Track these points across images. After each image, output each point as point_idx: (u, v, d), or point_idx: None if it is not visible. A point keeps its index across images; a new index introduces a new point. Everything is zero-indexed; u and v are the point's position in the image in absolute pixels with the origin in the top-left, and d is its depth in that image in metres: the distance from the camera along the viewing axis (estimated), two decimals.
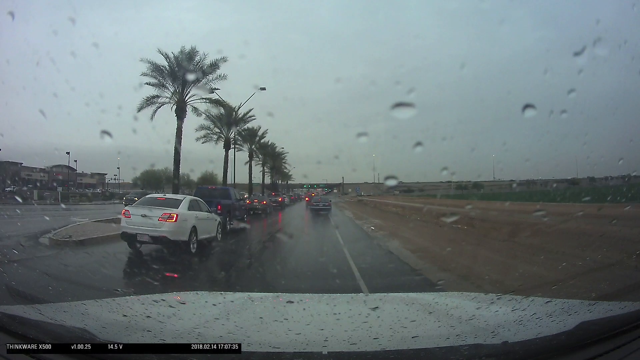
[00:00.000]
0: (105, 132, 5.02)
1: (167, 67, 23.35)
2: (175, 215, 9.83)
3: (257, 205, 28.16)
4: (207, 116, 30.07)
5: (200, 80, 24.27)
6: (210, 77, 24.20)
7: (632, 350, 1.56)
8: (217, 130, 32.87)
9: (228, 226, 15.30)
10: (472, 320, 2.10)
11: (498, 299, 2.59)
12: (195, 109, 24.99)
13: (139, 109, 22.80)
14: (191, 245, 10.08)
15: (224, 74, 24.18)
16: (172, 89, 23.57)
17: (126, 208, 10.52)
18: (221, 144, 32.85)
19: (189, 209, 10.67)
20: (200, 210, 11.39)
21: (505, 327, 1.87)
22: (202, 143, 31.82)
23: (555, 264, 7.10)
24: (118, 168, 67.69)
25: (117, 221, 11.59)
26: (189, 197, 11.63)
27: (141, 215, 9.79)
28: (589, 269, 6.53)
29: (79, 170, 66.41)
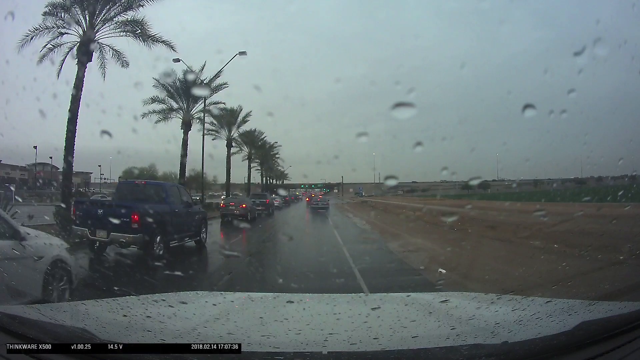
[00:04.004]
0: (105, 132, 5.01)
1: None
2: None
3: (233, 210, 21.76)
4: (159, 82, 23.68)
5: None
6: None
7: (632, 350, 1.56)
8: (175, 104, 24.84)
9: (158, 251, 9.33)
10: (472, 320, 2.10)
11: (498, 299, 2.59)
12: (117, 55, 17.03)
13: (40, 59, 15.57)
14: None
15: None
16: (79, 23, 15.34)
17: None
18: (178, 124, 24.84)
19: None
20: None
21: (505, 327, 1.87)
22: (156, 122, 24.28)
23: (555, 264, 7.11)
24: (99, 166, 63.05)
25: None
26: None
27: None
28: (589, 269, 6.53)
29: (62, 169, 64.01)
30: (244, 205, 22.40)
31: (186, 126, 24.84)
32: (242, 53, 22.26)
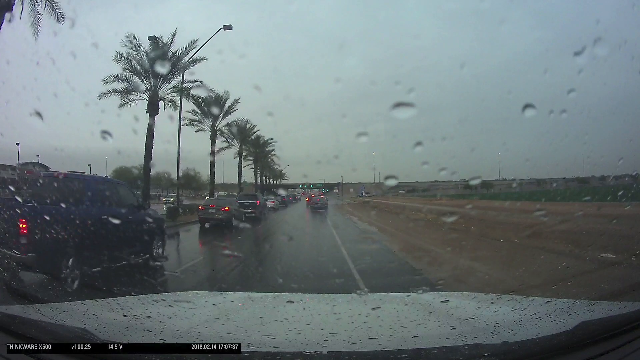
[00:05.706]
0: (105, 132, 5.00)
1: None
2: None
3: (214, 214, 18.68)
4: (120, 56, 20.65)
5: None
6: None
7: (632, 350, 1.56)
8: (142, 82, 20.88)
9: (70, 280, 6.22)
10: (472, 320, 2.10)
11: (498, 298, 2.59)
12: (51, 5, 14.31)
13: None
14: None
15: None
16: None
17: None
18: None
19: None
20: None
21: (505, 327, 1.87)
22: (120, 107, 21.03)
23: (555, 264, 7.10)
24: (89, 165, 61.74)
25: None
26: None
27: None
28: (589, 269, 6.52)
29: (55, 169, 63.02)
30: (226, 208, 19.13)
31: (152, 108, 20.84)
32: (227, 27, 20.00)
